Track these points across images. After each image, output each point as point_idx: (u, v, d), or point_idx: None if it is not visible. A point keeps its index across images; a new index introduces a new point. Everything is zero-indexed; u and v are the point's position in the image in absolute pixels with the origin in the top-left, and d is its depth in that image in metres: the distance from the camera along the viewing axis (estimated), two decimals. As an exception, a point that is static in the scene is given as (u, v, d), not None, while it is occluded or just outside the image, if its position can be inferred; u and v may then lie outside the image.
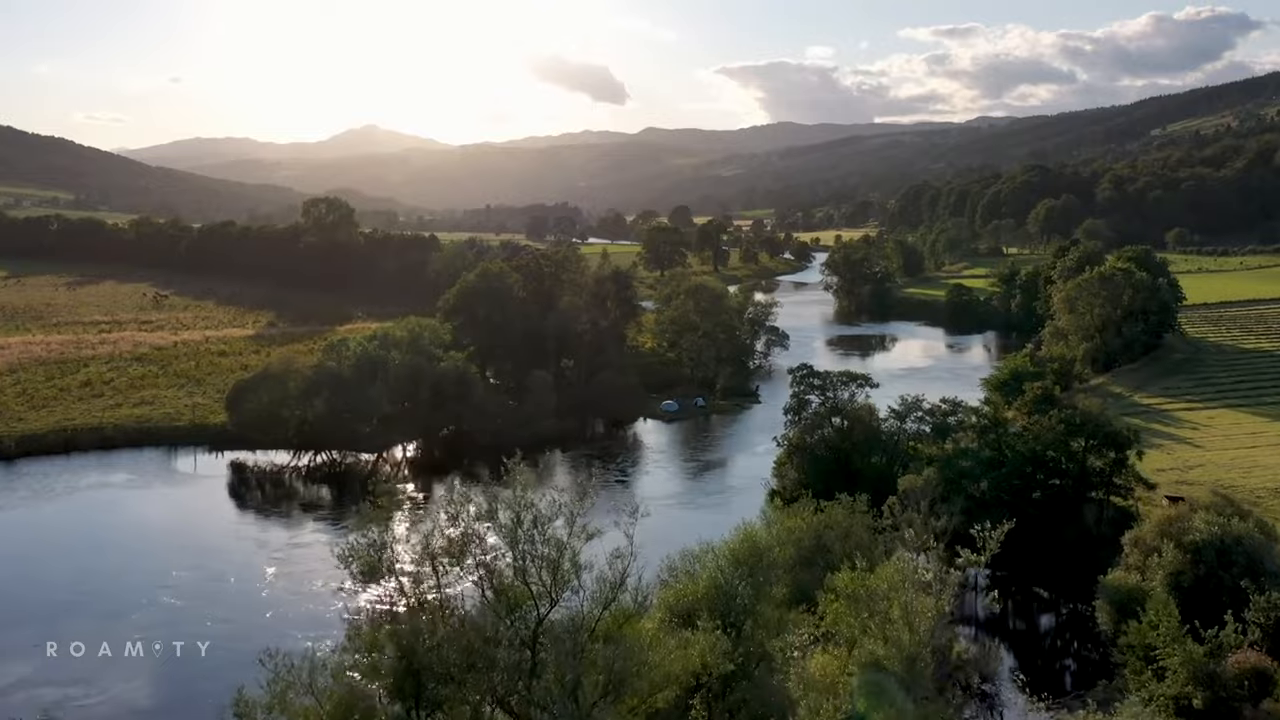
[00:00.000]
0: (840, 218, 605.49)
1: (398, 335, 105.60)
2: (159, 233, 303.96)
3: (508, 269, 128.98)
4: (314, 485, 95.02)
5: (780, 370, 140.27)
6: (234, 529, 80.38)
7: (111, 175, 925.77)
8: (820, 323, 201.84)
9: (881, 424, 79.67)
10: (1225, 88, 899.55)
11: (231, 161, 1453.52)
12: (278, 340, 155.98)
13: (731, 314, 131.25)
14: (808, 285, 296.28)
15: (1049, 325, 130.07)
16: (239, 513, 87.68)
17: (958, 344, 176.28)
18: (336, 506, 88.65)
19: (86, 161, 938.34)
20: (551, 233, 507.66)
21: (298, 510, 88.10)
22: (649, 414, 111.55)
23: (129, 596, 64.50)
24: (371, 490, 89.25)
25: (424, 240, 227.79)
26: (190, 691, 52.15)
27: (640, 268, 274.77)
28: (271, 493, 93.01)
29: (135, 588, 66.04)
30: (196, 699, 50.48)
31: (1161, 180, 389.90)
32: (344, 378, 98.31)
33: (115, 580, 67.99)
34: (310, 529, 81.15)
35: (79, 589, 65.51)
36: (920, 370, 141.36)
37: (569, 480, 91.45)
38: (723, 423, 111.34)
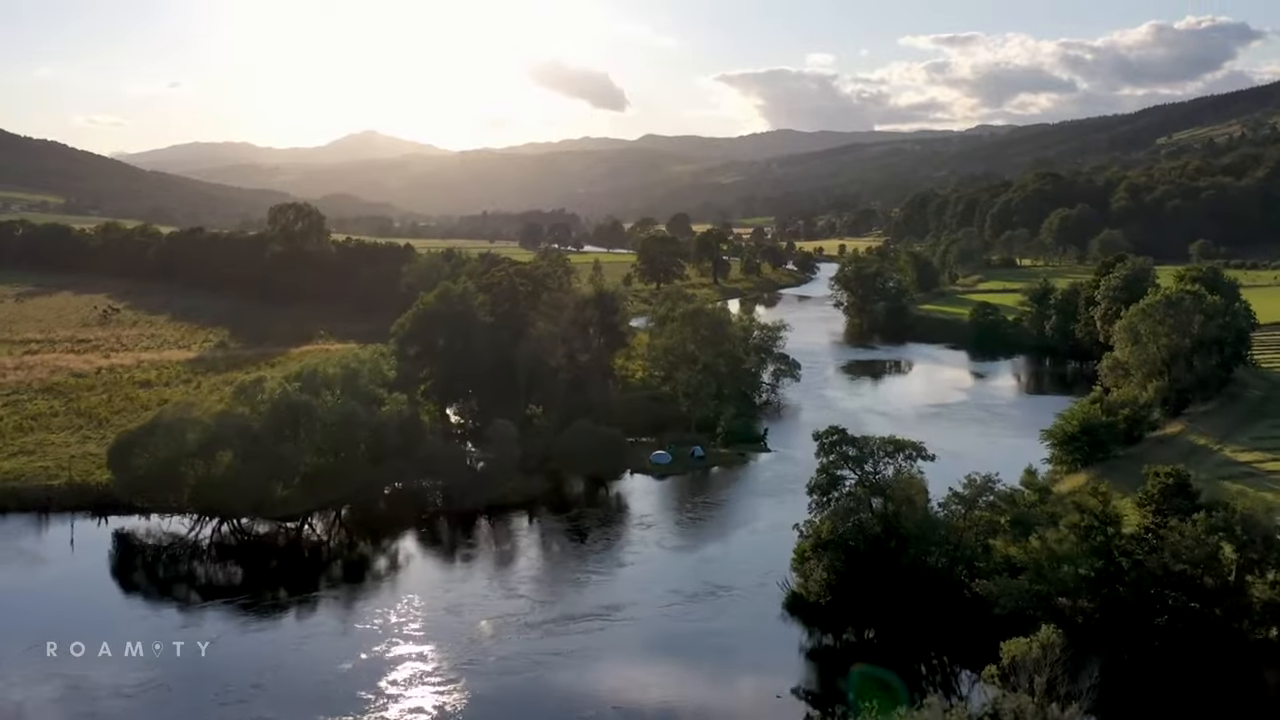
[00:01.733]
0: (843, 226, 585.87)
1: (329, 373, 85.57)
2: (127, 239, 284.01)
3: (473, 289, 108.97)
4: (217, 563, 75.14)
5: (792, 406, 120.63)
6: (104, 628, 59.85)
7: (105, 179, 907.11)
8: (829, 344, 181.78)
9: (939, 510, 59.71)
10: (1231, 96, 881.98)
11: (229, 166, 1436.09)
12: (219, 365, 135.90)
13: (735, 342, 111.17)
14: (811, 298, 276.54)
15: (1107, 358, 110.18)
16: (123, 600, 68.35)
17: (985, 371, 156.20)
18: (246, 590, 68.97)
19: (79, 165, 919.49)
20: (546, 240, 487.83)
21: (195, 597, 68.47)
22: (637, 467, 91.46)
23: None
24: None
25: (399, 250, 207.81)
26: None
27: (635, 279, 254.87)
28: (163, 572, 73.16)
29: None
30: None
31: (1180, 189, 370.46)
32: (255, 429, 78.28)
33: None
34: (210, 624, 61.61)
35: None
36: (951, 408, 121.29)
37: (525, 569, 71.31)
38: (725, 479, 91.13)
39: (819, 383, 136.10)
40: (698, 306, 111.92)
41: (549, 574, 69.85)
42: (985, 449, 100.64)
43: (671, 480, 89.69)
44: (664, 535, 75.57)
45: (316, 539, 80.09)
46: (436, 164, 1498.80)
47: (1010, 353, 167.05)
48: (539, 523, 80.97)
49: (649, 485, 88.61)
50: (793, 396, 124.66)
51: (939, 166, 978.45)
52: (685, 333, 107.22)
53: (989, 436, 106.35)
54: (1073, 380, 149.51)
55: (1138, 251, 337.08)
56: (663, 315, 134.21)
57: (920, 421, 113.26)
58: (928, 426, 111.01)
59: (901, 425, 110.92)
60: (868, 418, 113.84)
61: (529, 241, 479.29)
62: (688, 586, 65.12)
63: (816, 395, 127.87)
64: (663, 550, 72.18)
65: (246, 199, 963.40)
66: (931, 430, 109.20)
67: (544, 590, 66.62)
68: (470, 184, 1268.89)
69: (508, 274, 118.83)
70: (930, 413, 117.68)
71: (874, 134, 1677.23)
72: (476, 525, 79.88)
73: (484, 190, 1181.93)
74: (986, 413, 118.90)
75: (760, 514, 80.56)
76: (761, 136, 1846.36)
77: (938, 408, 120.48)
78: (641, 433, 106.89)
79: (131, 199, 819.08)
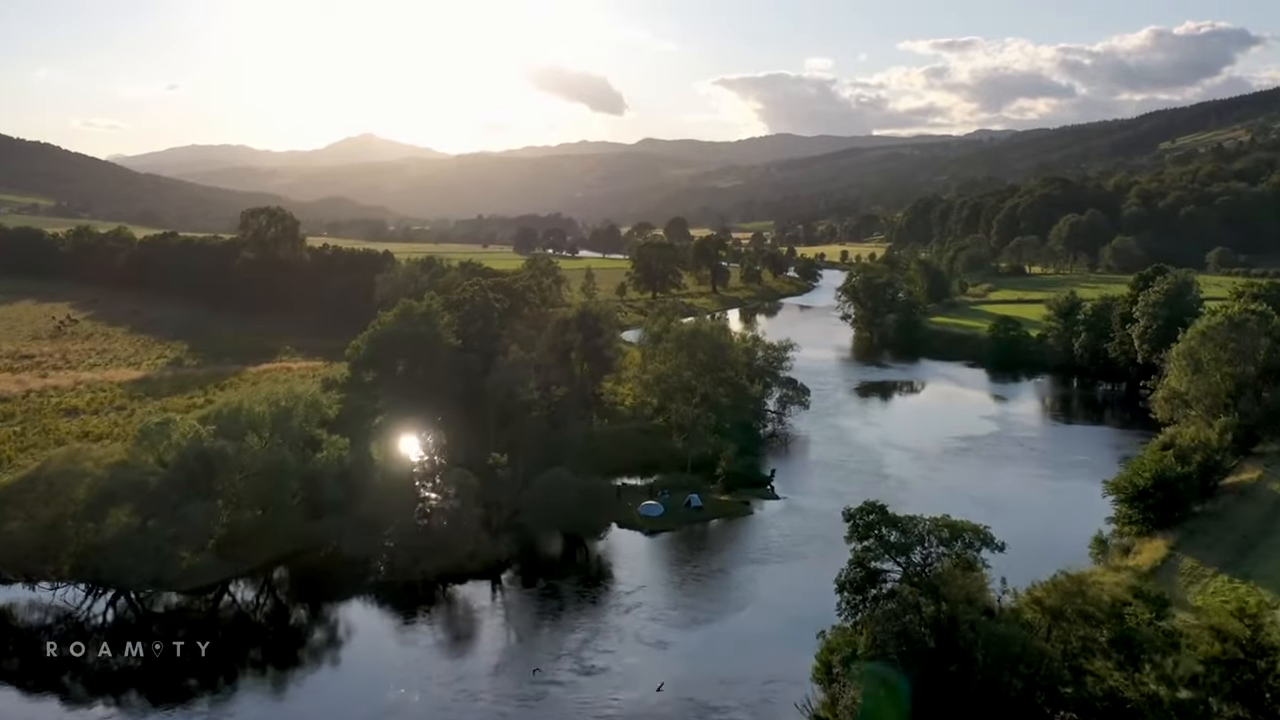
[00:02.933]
0: (844, 231, 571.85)
1: (255, 412, 71.21)
2: (99, 244, 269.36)
3: (438, 307, 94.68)
4: (114, 646, 60.72)
5: (800, 439, 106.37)
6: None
7: (97, 182, 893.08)
8: (837, 360, 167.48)
9: (1001, 595, 45.59)
10: (1234, 101, 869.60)
11: (226, 169, 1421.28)
12: (163, 388, 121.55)
13: (738, 368, 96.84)
14: (814, 308, 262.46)
15: (1162, 388, 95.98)
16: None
17: (1009, 394, 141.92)
18: (147, 680, 55.12)
19: (71, 167, 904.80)
20: (540, 245, 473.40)
21: (81, 691, 54.64)
22: (623, 520, 77.16)
23: None
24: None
25: (376, 258, 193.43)
26: None
27: (630, 288, 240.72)
28: (46, 658, 58.86)
29: None
30: None
31: (1193, 195, 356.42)
32: (155, 483, 64.06)
33: None
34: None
35: None
36: (979, 442, 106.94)
37: (477, 664, 56.93)
38: (725, 536, 76.76)
39: (829, 408, 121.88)
40: (694, 328, 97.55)
41: (505, 671, 55.55)
42: (1028, 495, 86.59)
43: (663, 539, 75.32)
44: (647, 621, 61.03)
45: (236, 613, 65.91)
46: (434, 167, 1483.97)
47: (1033, 372, 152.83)
48: (502, 597, 66.67)
49: (636, 545, 74.23)
50: (801, 426, 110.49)
51: (939, 171, 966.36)
52: (680, 358, 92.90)
53: (1028, 478, 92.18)
54: (1105, 404, 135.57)
55: (1151, 259, 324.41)
56: (656, 333, 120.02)
57: (947, 459, 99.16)
58: (956, 465, 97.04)
59: (926, 463, 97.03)
60: (887, 454, 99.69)
61: (523, 246, 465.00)
62: (672, 702, 50.75)
63: (827, 424, 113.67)
64: (644, 645, 57.69)
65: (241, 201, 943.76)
66: (960, 470, 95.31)
67: (497, 695, 52.48)
68: (468, 187, 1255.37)
69: (480, 289, 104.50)
70: (956, 447, 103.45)
71: (873, 138, 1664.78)
72: (429, 598, 65.62)
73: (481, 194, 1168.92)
74: (1020, 447, 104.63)
75: (767, 589, 66.15)
76: (760, 140, 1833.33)
77: (964, 441, 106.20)
78: (631, 471, 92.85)
79: (123, 202, 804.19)
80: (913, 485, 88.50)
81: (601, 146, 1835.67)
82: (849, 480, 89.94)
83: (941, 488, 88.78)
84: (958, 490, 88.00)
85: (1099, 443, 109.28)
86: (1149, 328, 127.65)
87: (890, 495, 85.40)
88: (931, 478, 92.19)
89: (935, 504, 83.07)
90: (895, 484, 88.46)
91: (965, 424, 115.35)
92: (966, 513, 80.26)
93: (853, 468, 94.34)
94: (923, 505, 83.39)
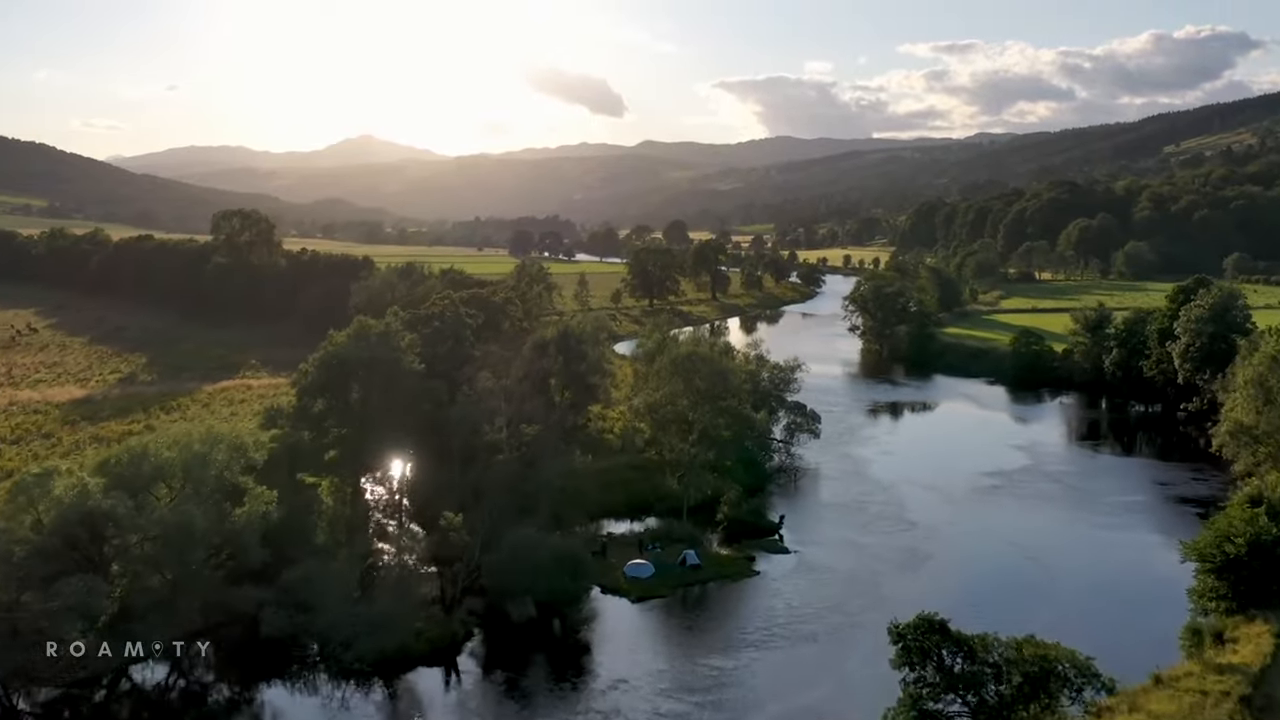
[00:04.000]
0: (845, 235, 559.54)
1: (162, 458, 58.78)
2: (73, 246, 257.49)
3: (398, 325, 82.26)
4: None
5: (811, 472, 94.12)
6: None
7: (93, 182, 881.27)
8: (845, 376, 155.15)
9: None
10: (1238, 105, 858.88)
11: (225, 170, 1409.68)
12: (105, 410, 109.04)
13: (741, 395, 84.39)
14: (817, 315, 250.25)
15: (1226, 419, 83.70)
16: None
17: (1033, 416, 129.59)
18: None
19: (67, 168, 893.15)
20: (536, 249, 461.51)
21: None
22: (606, 583, 64.78)
23: None
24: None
25: (355, 263, 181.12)
26: None
27: (626, 295, 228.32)
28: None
29: None
30: None
31: (1207, 199, 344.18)
32: (20, 554, 51.71)
33: None
34: None
35: None
36: (1012, 477, 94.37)
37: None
38: (726, 606, 64.15)
39: (841, 434, 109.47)
40: (691, 349, 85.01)
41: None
42: (1079, 550, 74.12)
43: (653, 609, 62.89)
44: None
45: (132, 708, 53.69)
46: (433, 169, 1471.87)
47: (1057, 389, 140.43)
48: (454, 689, 54.35)
49: (620, 618, 61.79)
50: (812, 456, 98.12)
51: (939, 174, 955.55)
52: (676, 385, 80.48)
53: (1074, 526, 79.76)
54: (1140, 428, 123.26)
55: (1164, 264, 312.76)
56: (651, 349, 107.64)
57: (977, 499, 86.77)
58: (988, 507, 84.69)
59: (954, 504, 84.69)
60: (909, 493, 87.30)
61: (518, 249, 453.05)
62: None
63: (840, 454, 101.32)
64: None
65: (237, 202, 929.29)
66: (994, 513, 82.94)
67: None
68: (466, 189, 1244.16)
69: (451, 302, 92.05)
70: (986, 484, 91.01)
71: (872, 141, 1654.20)
72: (366, 689, 53.34)
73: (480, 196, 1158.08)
74: (1057, 484, 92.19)
75: (769, 685, 53.66)
76: (760, 143, 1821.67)
77: (993, 476, 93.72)
78: (619, 512, 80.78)
79: (119, 203, 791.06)
80: (941, 535, 76.18)
81: (601, 148, 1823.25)
82: (869, 527, 77.63)
83: (976, 539, 76.51)
84: (996, 542, 75.74)
85: (1144, 477, 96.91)
86: (1191, 345, 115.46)
87: (917, 547, 73.21)
88: (962, 524, 79.88)
89: (972, 562, 71.19)
90: (922, 533, 76.16)
91: (992, 454, 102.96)
92: (1009, 575, 68.43)
93: (872, 511, 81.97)
94: (956, 561, 71.41)
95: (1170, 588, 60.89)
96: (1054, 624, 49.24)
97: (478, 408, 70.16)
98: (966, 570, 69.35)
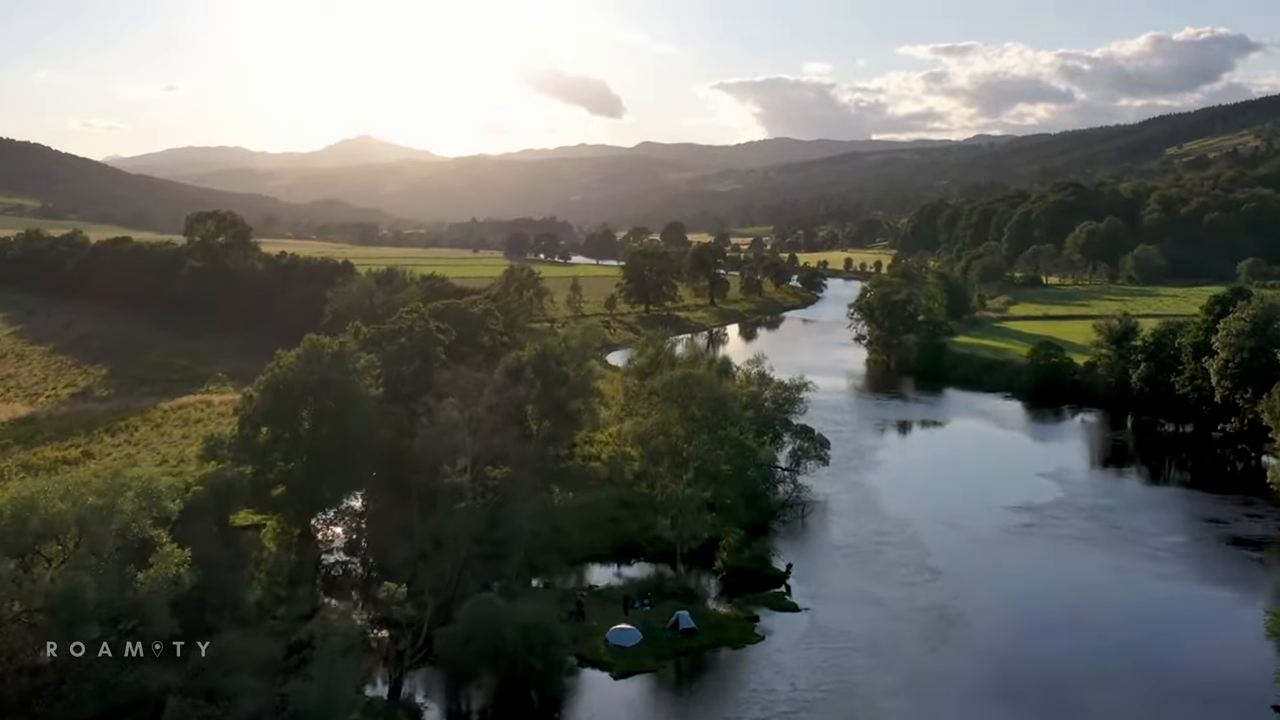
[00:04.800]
0: (845, 237, 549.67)
1: (54, 511, 48.82)
2: (50, 249, 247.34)
3: (355, 346, 72.37)
4: None
5: (819, 505, 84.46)
6: None
7: (88, 182, 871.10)
8: (850, 390, 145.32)
9: None
10: (1240, 106, 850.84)
11: (223, 170, 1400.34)
12: (45, 433, 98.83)
13: (743, 424, 74.45)
14: (819, 322, 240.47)
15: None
16: None
17: (1055, 435, 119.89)
18: None
19: (62, 168, 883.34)
20: (532, 251, 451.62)
21: None
22: (584, 653, 54.87)
23: None
24: None
25: (334, 267, 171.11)
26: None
27: (620, 301, 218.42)
28: None
29: None
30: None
31: (1217, 201, 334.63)
32: None
33: None
34: None
35: None
36: (1042, 514, 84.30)
37: None
38: (719, 686, 53.99)
39: (850, 458, 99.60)
40: (686, 372, 74.93)
41: None
42: (1136, 609, 63.98)
43: (637, 686, 52.97)
44: None
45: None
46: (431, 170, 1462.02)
47: (1077, 405, 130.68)
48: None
49: (598, 698, 51.85)
50: (820, 486, 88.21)
51: (939, 176, 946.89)
52: (669, 412, 70.52)
53: (1125, 576, 69.74)
54: (1173, 450, 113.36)
55: (1175, 269, 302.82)
56: (643, 365, 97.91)
57: (1009, 541, 76.80)
58: (1022, 551, 74.79)
59: (983, 548, 74.80)
60: (932, 533, 77.27)
61: (513, 252, 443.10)
62: None
63: (850, 482, 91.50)
64: None
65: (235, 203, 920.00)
66: (1030, 560, 72.97)
67: None
68: (465, 190, 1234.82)
69: (420, 316, 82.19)
70: (1016, 522, 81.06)
71: (871, 143, 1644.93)
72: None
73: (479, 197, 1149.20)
74: (1094, 521, 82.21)
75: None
76: (759, 144, 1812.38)
77: (1023, 511, 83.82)
78: (604, 556, 71.00)
79: (114, 203, 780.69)
80: (971, 588, 66.17)
81: (600, 149, 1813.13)
82: (888, 577, 67.69)
83: (1013, 595, 66.53)
84: (1036, 598, 65.72)
85: (1190, 512, 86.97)
86: (1230, 361, 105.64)
87: (945, 605, 62.71)
88: (994, 573, 70.03)
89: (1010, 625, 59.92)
90: (949, 585, 66.18)
91: (1018, 483, 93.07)
92: (1057, 645, 57.16)
93: (890, 556, 72.03)
94: (992, 625, 59.78)
95: (1252, 662, 51.05)
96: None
97: (440, 443, 60.29)
98: (1005, 637, 59.36)
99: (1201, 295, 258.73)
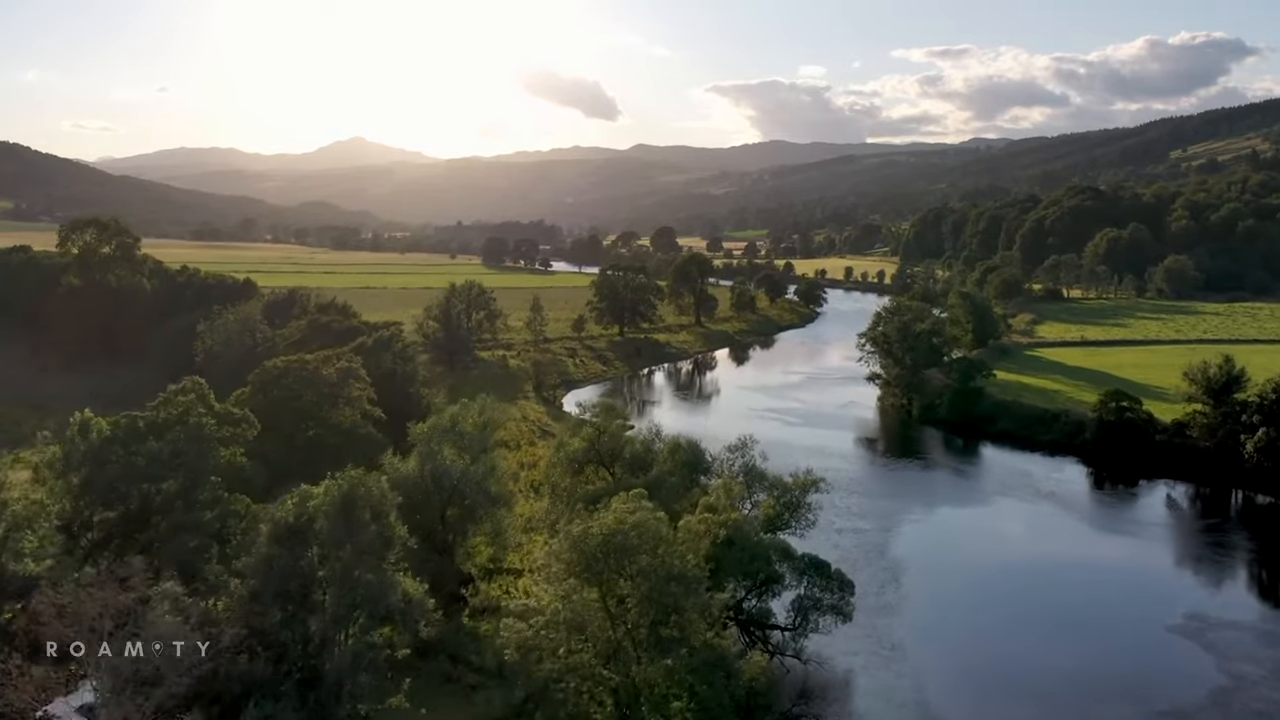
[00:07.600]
0: (843, 243, 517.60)
1: None
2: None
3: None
4: None
5: (836, 691, 51.94)
6: None
7: (71, 184, 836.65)
8: (862, 452, 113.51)
9: None
10: (1245, 109, 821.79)
11: (214, 172, 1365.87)
12: None
13: (711, 612, 42.14)
14: (819, 345, 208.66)
15: None
16: None
17: (1151, 535, 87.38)
18: None
19: (38, 169, 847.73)
20: (511, 257, 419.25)
21: None
22: None
23: None
24: None
25: (235, 286, 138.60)
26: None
27: (591, 322, 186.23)
28: None
29: None
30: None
31: (1251, 208, 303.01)
32: None
33: None
34: None
35: None
36: (1195, 710, 52.35)
37: None
38: None
39: (877, 588, 67.31)
40: (620, 520, 41.05)
41: None
42: None
43: None
44: None
45: None
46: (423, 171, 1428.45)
47: (1153, 471, 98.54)
48: None
49: None
50: (834, 649, 56.00)
51: (937, 179, 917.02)
52: (587, 594, 38.46)
53: None
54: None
55: (1209, 281, 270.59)
56: (575, 454, 65.93)
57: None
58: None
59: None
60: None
61: (492, 259, 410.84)
62: None
63: (876, 641, 59.26)
64: None
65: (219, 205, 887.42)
66: None
67: None
68: (455, 192, 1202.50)
69: (198, 397, 50.09)
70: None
71: (866, 146, 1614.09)
72: None
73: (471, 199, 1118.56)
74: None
75: None
76: (753, 147, 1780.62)
77: (1162, 701, 51.77)
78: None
79: (90, 205, 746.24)
80: None
81: (594, 152, 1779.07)
82: None
83: None
84: None
85: None
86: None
87: None
88: None
89: None
90: None
91: (1135, 635, 61.06)
92: None
93: None
94: None
95: None
96: None
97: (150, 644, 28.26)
98: None
99: (1250, 313, 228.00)
